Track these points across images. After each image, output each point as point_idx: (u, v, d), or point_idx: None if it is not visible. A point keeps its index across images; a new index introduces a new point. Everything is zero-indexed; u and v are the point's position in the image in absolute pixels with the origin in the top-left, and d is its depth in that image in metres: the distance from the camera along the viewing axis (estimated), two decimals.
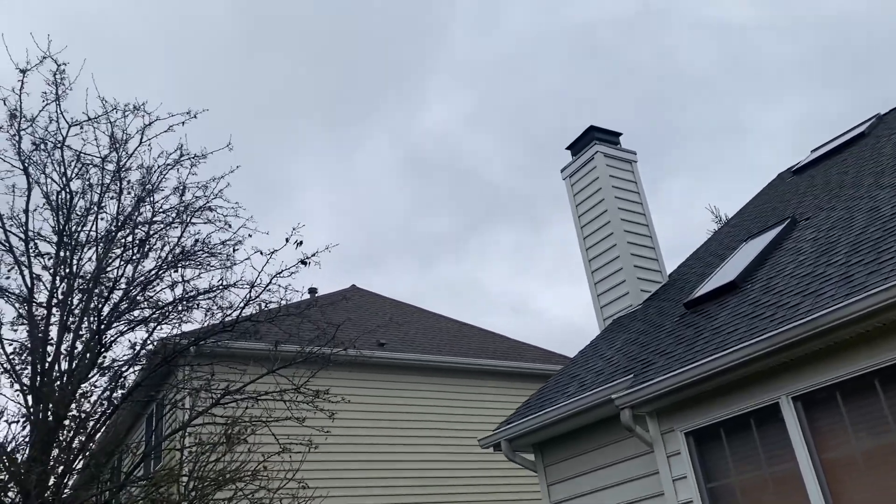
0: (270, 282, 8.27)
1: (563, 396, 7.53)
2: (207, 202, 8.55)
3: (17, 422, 7.31)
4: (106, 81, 8.37)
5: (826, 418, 5.25)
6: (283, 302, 8.62)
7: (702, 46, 37.30)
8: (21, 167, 8.08)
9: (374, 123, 39.05)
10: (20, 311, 7.82)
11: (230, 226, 8.54)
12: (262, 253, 8.16)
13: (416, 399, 13.76)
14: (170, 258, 8.36)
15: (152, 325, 8.22)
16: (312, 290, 13.63)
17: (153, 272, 8.32)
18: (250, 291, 8.30)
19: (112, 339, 7.88)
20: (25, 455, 7.10)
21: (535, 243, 45.47)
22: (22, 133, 8.12)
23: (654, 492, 6.56)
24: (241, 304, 8.34)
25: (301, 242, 8.08)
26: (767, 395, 5.50)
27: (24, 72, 7.94)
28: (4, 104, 8.04)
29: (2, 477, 6.94)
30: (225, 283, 8.42)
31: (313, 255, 8.23)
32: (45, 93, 8.11)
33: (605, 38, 35.93)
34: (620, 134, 11.01)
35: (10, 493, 6.87)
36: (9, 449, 7.13)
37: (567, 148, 11.16)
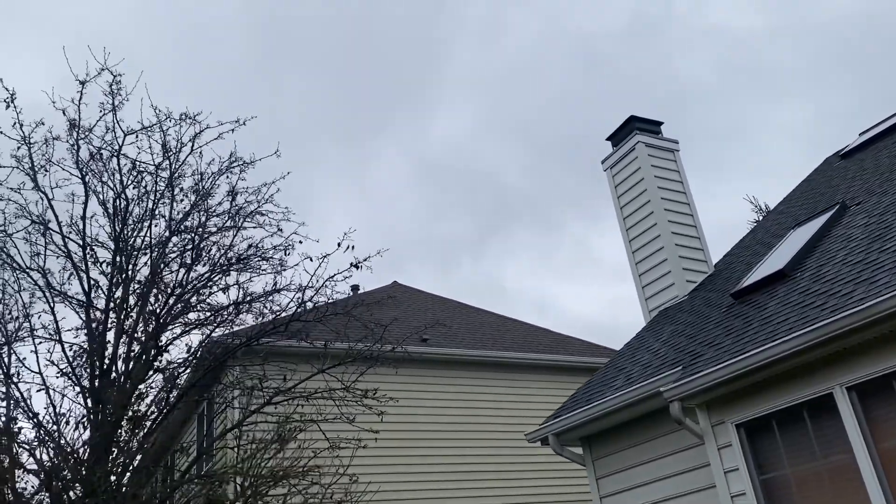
0: (323, 284, 8.43)
1: (611, 390, 7.51)
2: (258, 207, 8.73)
3: (79, 423, 7.56)
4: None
5: (882, 408, 5.15)
6: (330, 300, 8.77)
7: (704, 53, 37.12)
8: (79, 175, 8.34)
9: (387, 137, 39.65)
10: (79, 315, 8.07)
11: (281, 230, 8.70)
12: (311, 259, 8.33)
13: (460, 394, 13.81)
14: (223, 262, 8.55)
15: (207, 327, 8.42)
16: (355, 288, 13.80)
17: (206, 276, 8.52)
18: (303, 294, 8.47)
19: (168, 342, 8.09)
20: (87, 455, 7.34)
21: (552, 243, 45.66)
22: (80, 143, 8.37)
23: (705, 484, 6.52)
24: (294, 307, 8.50)
25: (353, 247, 8.26)
26: (821, 385, 5.42)
27: (83, 83, 8.18)
28: (64, 114, 8.30)
29: (67, 475, 7.18)
30: (277, 286, 8.59)
31: (365, 259, 8.40)
32: (103, 103, 8.35)
33: (609, 46, 36.04)
34: (661, 123, 10.90)
35: (73, 492, 7.12)
36: (71, 449, 7.37)
37: (607, 139, 11.08)
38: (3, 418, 7.80)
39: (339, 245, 8.31)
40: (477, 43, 35.89)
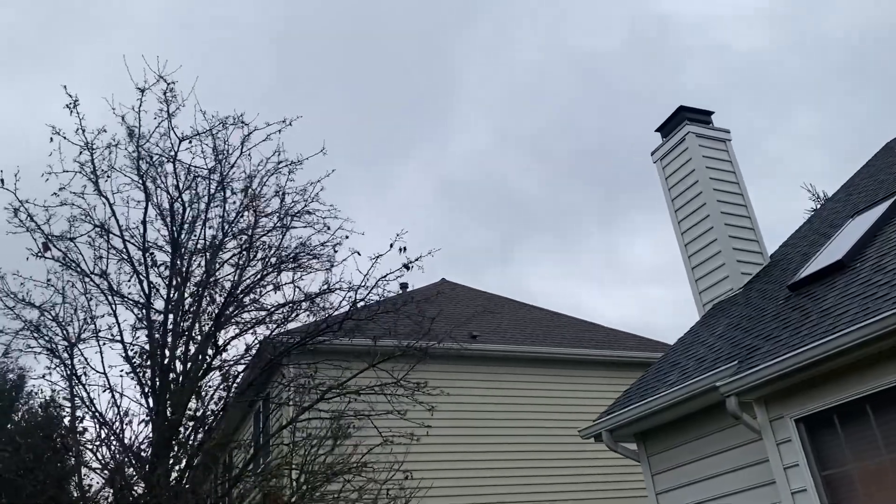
0: (376, 284, 8.54)
1: (665, 385, 7.42)
2: (306, 206, 8.86)
3: (142, 422, 7.78)
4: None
5: None
6: (381, 298, 8.86)
7: (709, 68, 36.75)
8: (140, 181, 8.57)
9: (408, 159, 40.04)
10: (139, 317, 8.30)
11: (328, 227, 8.82)
12: (359, 254, 8.43)
13: (511, 391, 13.78)
14: (273, 261, 8.70)
15: (262, 327, 8.59)
16: (404, 286, 13.86)
17: (258, 275, 8.68)
18: (356, 293, 8.58)
19: (226, 342, 8.28)
20: (149, 453, 7.55)
21: (575, 249, 45.72)
22: (140, 149, 8.61)
23: (764, 480, 6.39)
24: (348, 306, 8.62)
25: (405, 248, 8.35)
26: (885, 378, 5.26)
27: (142, 91, 8.41)
28: (123, 120, 8.54)
29: (130, 473, 7.41)
30: (329, 285, 8.72)
31: (416, 259, 8.47)
32: (159, 110, 8.58)
33: (613, 61, 35.99)
34: (712, 112, 10.69)
35: (136, 489, 7.33)
36: (134, 448, 7.59)
37: (656, 130, 10.92)
38: (69, 417, 8.09)
39: (391, 246, 8.45)
40: (486, 63, 36.67)
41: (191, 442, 7.94)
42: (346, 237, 8.83)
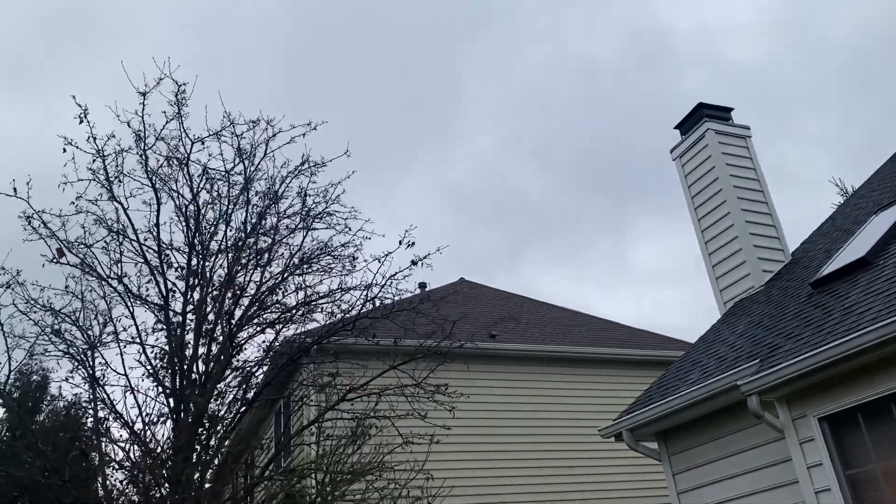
0: (385, 283, 8.54)
1: (686, 384, 7.37)
2: (327, 207, 8.90)
3: (164, 422, 7.86)
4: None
5: None
6: (397, 298, 8.88)
7: (714, 80, 36.89)
8: (149, 184, 8.64)
9: (415, 168, 40.32)
10: (158, 318, 8.37)
11: (349, 228, 8.86)
12: (376, 259, 8.46)
13: (531, 390, 13.75)
14: (294, 262, 8.75)
15: (280, 327, 8.63)
16: (422, 286, 13.86)
17: (279, 276, 8.73)
18: (368, 291, 8.60)
19: (244, 341, 8.33)
20: (171, 454, 7.62)
21: (585, 254, 45.95)
22: (147, 152, 8.68)
23: (786, 480, 6.33)
24: (360, 304, 8.64)
25: (413, 244, 8.34)
26: None
27: (143, 94, 8.47)
28: (129, 126, 8.61)
29: (154, 473, 7.48)
30: (344, 285, 8.75)
31: (425, 256, 8.48)
32: (165, 112, 8.63)
33: (616, 69, 36.10)
34: (732, 109, 10.59)
35: (161, 490, 7.40)
36: (157, 449, 7.67)
37: (675, 128, 10.84)
38: (92, 419, 8.18)
39: (400, 243, 8.44)
40: (491, 71, 37.05)
41: (212, 442, 8.01)
42: (368, 238, 8.87)
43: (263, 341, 8.68)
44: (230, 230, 8.89)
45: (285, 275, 8.75)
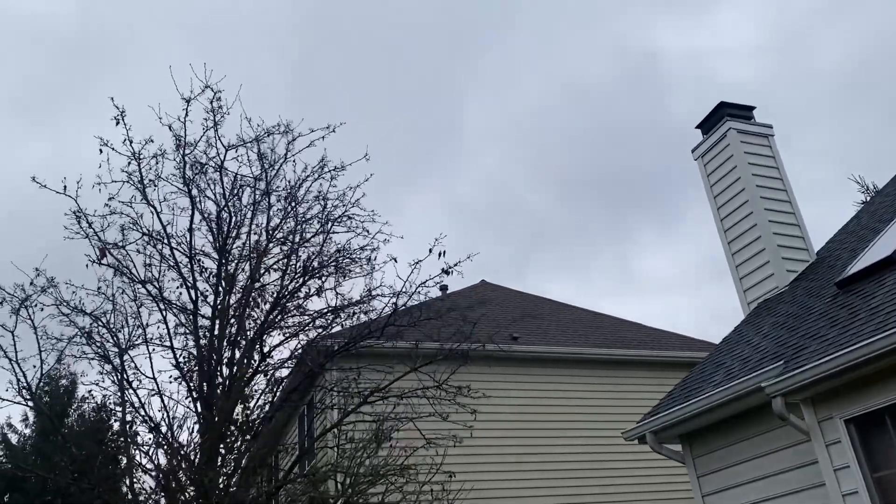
0: (416, 290, 8.59)
1: (710, 386, 7.32)
2: (346, 211, 8.95)
3: (191, 426, 7.95)
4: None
5: None
6: (421, 300, 8.91)
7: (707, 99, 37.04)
8: (185, 190, 8.75)
9: (422, 186, 40.87)
10: (186, 323, 8.47)
11: (368, 231, 8.90)
12: (395, 260, 8.49)
13: (553, 392, 13.71)
14: (315, 265, 8.81)
15: (306, 332, 8.70)
16: (443, 288, 13.89)
17: (301, 280, 8.79)
18: (396, 299, 8.65)
19: (272, 348, 8.41)
20: (198, 457, 7.71)
21: (589, 266, 46.25)
22: (186, 158, 8.79)
23: (813, 482, 6.27)
24: (389, 312, 8.68)
25: (444, 253, 8.38)
26: None
27: (188, 101, 8.57)
28: (170, 129, 8.72)
29: (181, 477, 7.57)
30: (371, 291, 8.80)
31: (456, 264, 8.51)
32: (205, 119, 8.74)
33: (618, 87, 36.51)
34: (754, 108, 10.51)
35: (188, 492, 7.49)
36: (184, 452, 7.76)
37: (696, 127, 10.77)
38: (120, 422, 8.29)
39: (430, 251, 8.49)
40: (492, 92, 38.03)
41: (238, 446, 8.08)
42: (387, 241, 8.91)
43: (289, 347, 8.75)
44: (254, 235, 8.98)
45: (307, 279, 8.81)
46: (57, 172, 8.50)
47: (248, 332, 8.43)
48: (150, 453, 7.85)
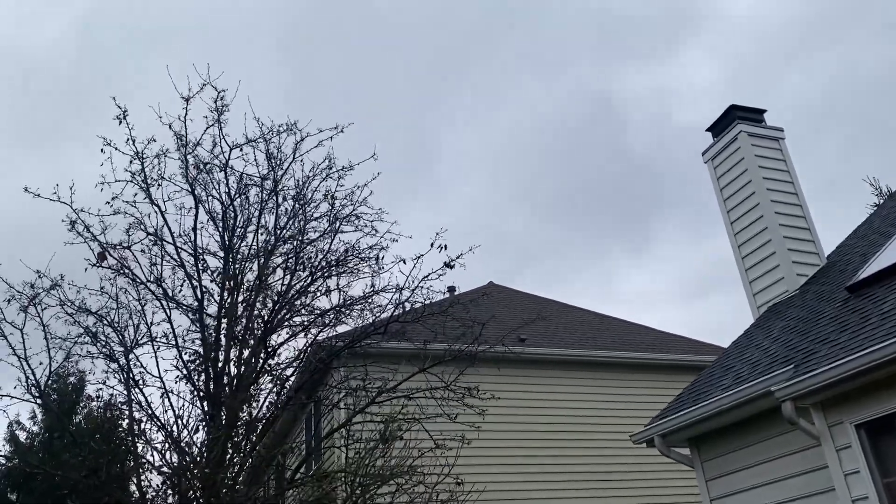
0: (418, 285, 8.56)
1: (719, 389, 7.29)
2: (354, 210, 8.95)
3: (198, 425, 7.96)
4: None
5: None
6: (427, 301, 8.89)
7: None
8: (188, 189, 8.75)
9: (410, 212, 41.46)
10: (192, 322, 8.48)
11: (376, 231, 8.89)
12: (404, 261, 8.48)
13: (561, 394, 13.68)
14: (323, 265, 8.81)
15: (312, 330, 8.70)
16: (451, 289, 13.86)
17: (308, 279, 8.79)
18: (399, 294, 8.62)
19: (277, 346, 8.40)
20: (205, 456, 7.72)
21: (572, 284, 45.93)
22: (188, 157, 8.80)
23: (823, 487, 6.23)
24: (392, 307, 8.66)
25: (445, 247, 8.34)
26: None
27: (187, 99, 8.57)
28: (171, 128, 8.73)
29: (190, 476, 7.58)
30: (375, 288, 8.78)
31: (458, 257, 8.47)
32: (207, 118, 8.73)
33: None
34: (764, 111, 10.47)
35: (197, 491, 7.50)
36: (190, 451, 7.77)
37: (707, 130, 10.74)
38: (127, 421, 8.31)
39: (431, 245, 8.44)
40: (472, 119, 38.99)
41: (245, 445, 8.09)
42: (395, 240, 8.90)
43: (295, 346, 8.74)
44: (261, 234, 8.98)
45: (314, 278, 8.80)
46: (64, 184, 8.50)
47: (256, 332, 8.43)
48: (162, 451, 7.86)
